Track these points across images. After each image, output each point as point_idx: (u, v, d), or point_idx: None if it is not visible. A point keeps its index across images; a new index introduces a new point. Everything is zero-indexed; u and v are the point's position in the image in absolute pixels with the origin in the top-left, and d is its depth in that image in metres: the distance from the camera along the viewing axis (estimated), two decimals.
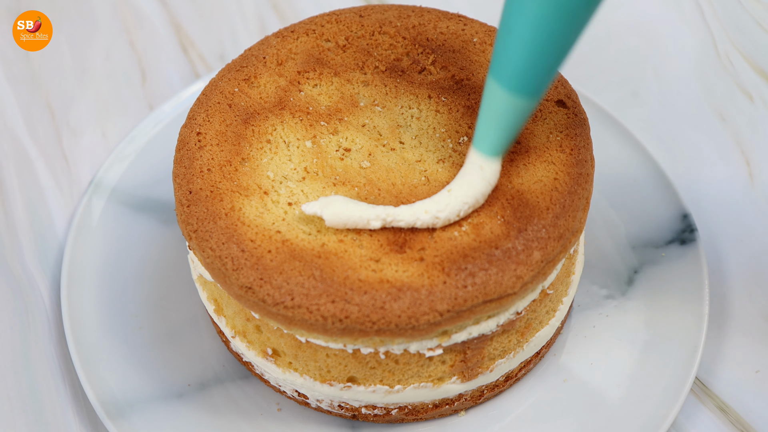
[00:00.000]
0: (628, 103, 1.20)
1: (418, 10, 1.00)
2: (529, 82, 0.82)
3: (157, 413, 0.94)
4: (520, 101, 0.83)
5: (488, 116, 0.85)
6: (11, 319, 1.04)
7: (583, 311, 1.01)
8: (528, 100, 0.83)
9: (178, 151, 0.91)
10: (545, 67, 0.81)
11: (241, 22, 1.30)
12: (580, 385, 0.96)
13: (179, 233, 1.06)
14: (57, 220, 1.11)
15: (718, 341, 1.01)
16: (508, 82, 0.82)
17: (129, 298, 1.02)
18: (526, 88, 0.82)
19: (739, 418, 0.96)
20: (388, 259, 0.84)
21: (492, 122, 0.85)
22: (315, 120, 0.93)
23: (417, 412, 0.94)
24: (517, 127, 0.85)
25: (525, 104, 0.83)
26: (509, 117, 0.84)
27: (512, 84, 0.82)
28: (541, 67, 0.81)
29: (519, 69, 0.81)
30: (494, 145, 0.86)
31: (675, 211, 1.05)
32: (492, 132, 0.85)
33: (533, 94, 0.83)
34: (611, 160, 1.09)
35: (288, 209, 0.87)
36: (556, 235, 0.86)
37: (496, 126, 0.85)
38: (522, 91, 0.82)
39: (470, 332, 0.87)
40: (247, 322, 0.91)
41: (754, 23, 1.27)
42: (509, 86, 0.82)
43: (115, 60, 1.26)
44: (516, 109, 0.83)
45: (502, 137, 0.85)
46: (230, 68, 0.96)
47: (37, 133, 1.19)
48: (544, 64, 0.81)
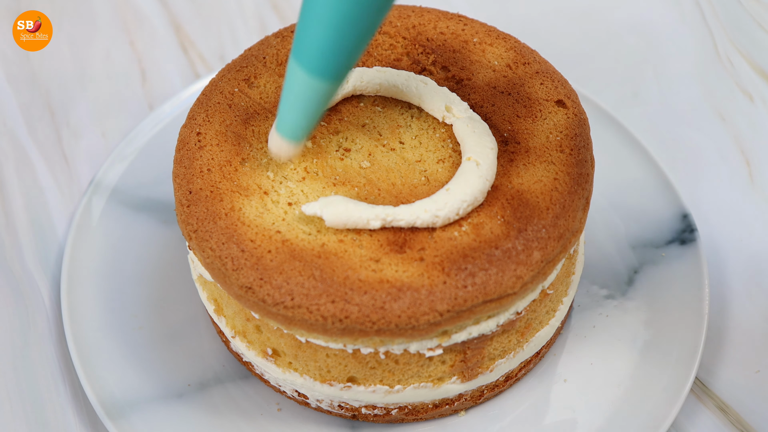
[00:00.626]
0: (628, 103, 1.20)
1: (418, 10, 1.00)
2: (330, 66, 0.80)
3: (157, 413, 0.94)
4: (320, 84, 0.81)
5: (289, 99, 0.82)
6: (11, 319, 1.04)
7: (583, 311, 1.01)
8: (329, 84, 0.81)
9: (178, 151, 0.91)
10: (346, 50, 0.79)
11: (241, 22, 1.30)
12: (580, 385, 0.96)
13: (179, 233, 1.06)
14: (57, 220, 1.11)
15: (718, 341, 1.01)
16: (309, 64, 0.79)
17: (129, 298, 1.02)
18: (328, 72, 0.80)
19: (739, 418, 0.96)
20: (388, 259, 0.84)
21: (293, 105, 0.82)
22: None
23: (417, 412, 0.94)
24: (318, 111, 0.83)
25: (326, 87, 0.81)
26: (310, 100, 0.82)
27: (313, 66, 0.80)
28: (342, 49, 0.79)
29: (320, 51, 0.79)
30: (295, 130, 0.84)
31: (675, 211, 1.05)
32: (293, 115, 0.83)
33: (334, 77, 0.81)
34: (611, 160, 1.09)
35: (288, 209, 0.87)
36: (556, 235, 0.86)
37: (297, 109, 0.83)
38: (323, 75, 0.80)
39: (470, 332, 0.87)
40: (247, 322, 0.91)
41: (754, 23, 1.27)
42: (310, 69, 0.80)
43: (115, 60, 1.26)
44: (317, 93, 0.81)
45: (302, 121, 0.83)
46: (230, 68, 0.96)
47: (37, 133, 1.19)
48: (345, 47, 0.79)
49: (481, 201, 0.86)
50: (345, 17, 0.77)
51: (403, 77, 0.93)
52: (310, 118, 0.83)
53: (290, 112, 0.83)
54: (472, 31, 0.98)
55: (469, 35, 0.97)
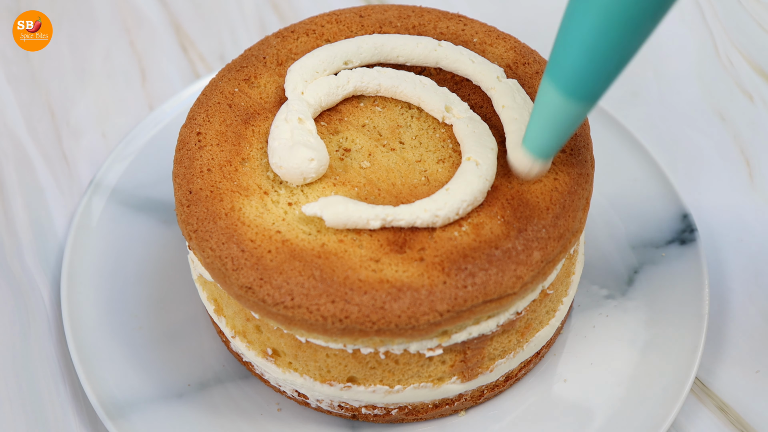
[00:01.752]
0: (628, 103, 1.20)
1: (418, 10, 1.00)
2: (587, 88, 0.80)
3: (157, 413, 0.94)
4: (575, 106, 0.81)
5: (541, 117, 0.83)
6: (11, 319, 1.04)
7: (583, 311, 1.01)
8: (584, 106, 0.81)
9: (178, 151, 0.91)
10: (605, 73, 0.79)
11: (241, 22, 1.30)
12: (581, 385, 0.96)
13: (179, 233, 1.06)
14: (57, 220, 1.11)
15: (718, 341, 1.01)
16: (566, 85, 0.80)
17: (129, 298, 1.02)
18: (584, 93, 0.80)
19: (739, 418, 0.96)
20: (388, 259, 0.84)
21: (545, 124, 0.83)
22: (315, 120, 0.92)
23: (417, 412, 0.94)
24: (569, 131, 0.84)
25: (580, 109, 0.81)
26: (562, 120, 0.82)
27: (569, 88, 0.80)
28: (602, 72, 0.78)
29: (578, 73, 0.79)
30: (545, 148, 0.84)
31: (675, 211, 1.05)
32: (545, 134, 0.83)
33: (590, 99, 0.81)
34: (611, 160, 1.09)
35: (288, 209, 0.87)
36: (556, 235, 0.86)
37: (549, 128, 0.83)
38: (579, 96, 0.80)
39: (470, 332, 0.87)
40: (247, 322, 0.91)
41: (754, 23, 1.28)
42: (566, 90, 0.80)
43: (115, 60, 1.26)
44: (570, 114, 0.81)
45: (553, 139, 0.84)
46: (230, 68, 0.96)
47: (37, 133, 1.19)
48: (605, 70, 0.78)
49: (481, 201, 0.86)
50: (611, 43, 0.76)
51: (403, 77, 0.93)
52: (561, 137, 0.84)
53: (542, 131, 0.83)
54: (472, 31, 0.98)
55: (469, 35, 0.97)
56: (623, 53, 0.77)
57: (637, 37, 0.76)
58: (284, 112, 0.90)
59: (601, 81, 0.79)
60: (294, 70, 0.92)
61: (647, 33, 0.77)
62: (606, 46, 0.77)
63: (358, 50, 0.94)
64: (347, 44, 0.94)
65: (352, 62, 0.94)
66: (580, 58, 0.78)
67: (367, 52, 0.94)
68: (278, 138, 0.88)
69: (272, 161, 0.88)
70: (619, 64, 0.78)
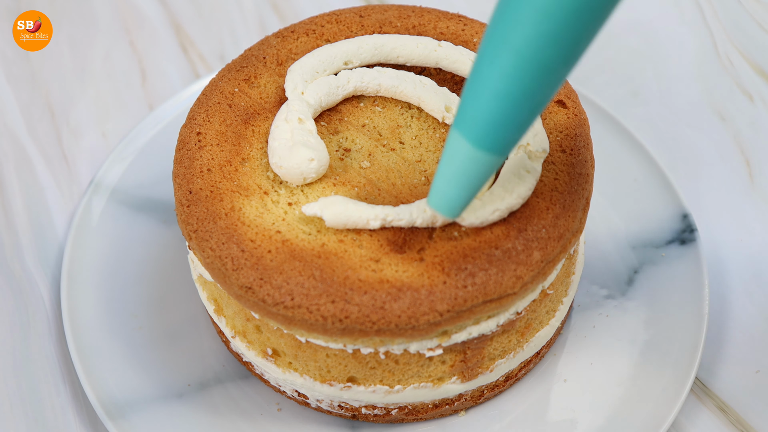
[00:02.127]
0: (628, 103, 1.20)
1: (418, 10, 1.00)
2: (498, 139, 0.75)
3: (157, 413, 0.94)
4: (486, 157, 0.76)
5: (448, 171, 0.78)
6: (11, 319, 1.04)
7: (583, 311, 1.01)
8: (495, 157, 0.77)
9: (178, 151, 0.91)
10: (517, 123, 0.74)
11: (241, 22, 1.30)
12: (580, 385, 0.96)
13: (179, 233, 1.06)
14: (57, 220, 1.11)
15: (718, 341, 1.01)
16: (475, 136, 0.75)
17: (129, 298, 1.02)
18: (495, 145, 0.76)
19: (739, 418, 0.96)
20: (388, 259, 0.84)
21: (452, 178, 0.78)
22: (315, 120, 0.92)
23: (417, 412, 0.94)
24: (479, 186, 0.79)
25: (492, 161, 0.77)
26: (472, 174, 0.77)
27: (480, 139, 0.75)
28: (515, 123, 0.74)
29: (490, 124, 0.74)
30: (452, 205, 0.80)
31: (675, 211, 1.05)
32: (452, 189, 0.79)
33: (502, 151, 0.76)
34: (611, 160, 1.09)
35: (288, 209, 0.87)
36: (556, 235, 0.86)
37: (456, 183, 0.78)
38: (490, 148, 0.76)
39: (470, 332, 0.87)
40: (247, 322, 0.91)
41: (754, 23, 1.28)
42: (476, 141, 0.75)
43: (115, 60, 1.26)
44: (481, 166, 0.77)
45: (461, 196, 0.79)
46: (230, 68, 0.96)
47: (37, 133, 1.19)
48: (517, 120, 0.74)
49: None
50: (524, 91, 0.72)
51: (403, 77, 0.93)
52: (470, 192, 0.79)
53: (448, 185, 0.79)
54: (472, 31, 0.98)
55: (469, 35, 0.97)
56: (537, 102, 0.74)
57: (551, 82, 0.72)
58: (284, 112, 0.90)
59: (514, 131, 0.75)
60: (294, 70, 0.92)
61: (562, 78, 0.73)
62: (520, 96, 0.72)
63: (358, 50, 0.94)
64: (347, 44, 0.94)
65: (352, 62, 0.94)
66: (491, 108, 0.73)
67: (367, 53, 0.94)
68: (278, 138, 0.88)
69: (272, 161, 0.88)
70: (533, 114, 0.74)
